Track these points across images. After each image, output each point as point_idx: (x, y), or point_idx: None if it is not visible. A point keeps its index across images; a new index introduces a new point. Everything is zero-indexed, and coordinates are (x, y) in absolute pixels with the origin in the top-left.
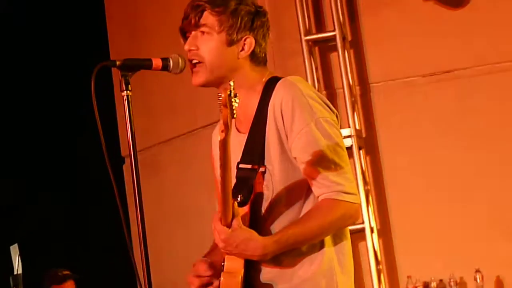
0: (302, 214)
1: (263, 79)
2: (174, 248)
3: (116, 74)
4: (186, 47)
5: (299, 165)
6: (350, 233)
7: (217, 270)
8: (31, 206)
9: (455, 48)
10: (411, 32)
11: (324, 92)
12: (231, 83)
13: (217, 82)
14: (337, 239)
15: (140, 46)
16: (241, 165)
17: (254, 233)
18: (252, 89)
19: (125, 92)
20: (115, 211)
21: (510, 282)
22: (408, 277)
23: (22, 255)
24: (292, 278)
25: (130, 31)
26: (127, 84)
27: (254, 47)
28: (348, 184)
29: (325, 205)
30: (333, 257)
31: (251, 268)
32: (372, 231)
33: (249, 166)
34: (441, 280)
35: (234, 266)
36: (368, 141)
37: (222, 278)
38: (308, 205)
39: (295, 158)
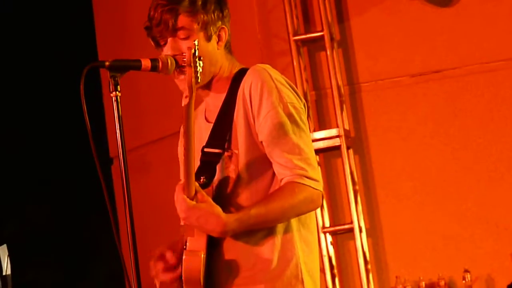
0: None
1: (234, 70)
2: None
3: (104, 74)
4: (170, 52)
5: (265, 147)
6: (338, 233)
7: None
8: (19, 206)
9: (444, 47)
10: (400, 32)
11: (312, 92)
12: (196, 42)
13: (207, 81)
14: (302, 228)
15: (128, 46)
16: (205, 149)
17: (217, 208)
18: (226, 79)
19: (114, 93)
20: (104, 211)
21: (498, 281)
22: (396, 277)
23: (11, 256)
24: (255, 263)
25: (118, 31)
26: (116, 85)
27: (228, 35)
28: (311, 169)
29: (287, 187)
30: (298, 245)
31: (213, 248)
32: (360, 230)
33: (213, 150)
34: (430, 280)
35: (196, 245)
36: (356, 141)
37: (184, 256)
38: (273, 190)
39: (261, 142)
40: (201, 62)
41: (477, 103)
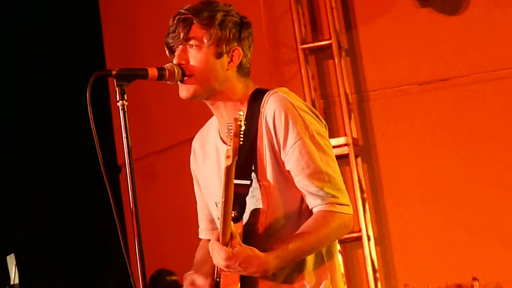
0: (297, 226)
1: (248, 92)
2: (170, 257)
3: (112, 82)
4: (176, 61)
5: (293, 177)
6: (347, 241)
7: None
8: (27, 215)
9: (451, 56)
10: (407, 40)
11: (320, 101)
12: (241, 113)
13: (205, 95)
14: (329, 253)
15: (136, 55)
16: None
17: (255, 250)
18: (239, 101)
19: (121, 102)
20: (112, 220)
21: None
22: (405, 285)
23: (19, 265)
24: None
25: (126, 40)
26: (122, 94)
27: (241, 58)
28: (342, 195)
29: (321, 216)
30: (328, 274)
31: (247, 282)
32: (369, 239)
33: (241, 182)
34: None
35: (230, 281)
36: (364, 149)
37: None
38: (303, 217)
39: (288, 171)
40: (243, 127)
41: (485, 111)
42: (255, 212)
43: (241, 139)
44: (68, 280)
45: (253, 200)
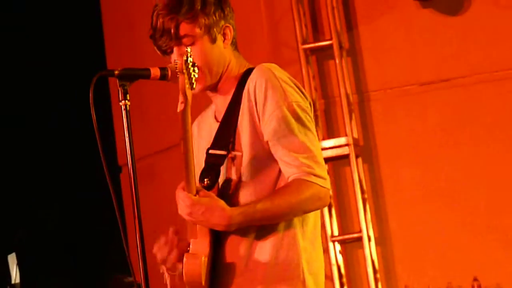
0: None
1: (242, 70)
2: None
3: (113, 82)
4: (179, 59)
5: (270, 147)
6: (347, 242)
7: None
8: (29, 215)
9: (453, 56)
10: (409, 40)
11: (321, 101)
12: (188, 49)
13: (214, 83)
14: (305, 226)
15: (137, 55)
16: (210, 151)
17: (221, 202)
18: (233, 79)
19: (123, 101)
20: (113, 219)
21: None
22: (405, 286)
23: (20, 264)
24: (257, 264)
25: (128, 40)
26: (125, 94)
27: (233, 33)
28: (318, 167)
29: (294, 184)
30: (301, 245)
31: (216, 250)
32: (369, 239)
33: (218, 152)
34: None
35: (199, 248)
36: (365, 150)
37: (185, 259)
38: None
39: (267, 142)
40: (196, 69)
41: (487, 112)
42: (227, 183)
43: (193, 81)
44: (69, 280)
45: (226, 171)
